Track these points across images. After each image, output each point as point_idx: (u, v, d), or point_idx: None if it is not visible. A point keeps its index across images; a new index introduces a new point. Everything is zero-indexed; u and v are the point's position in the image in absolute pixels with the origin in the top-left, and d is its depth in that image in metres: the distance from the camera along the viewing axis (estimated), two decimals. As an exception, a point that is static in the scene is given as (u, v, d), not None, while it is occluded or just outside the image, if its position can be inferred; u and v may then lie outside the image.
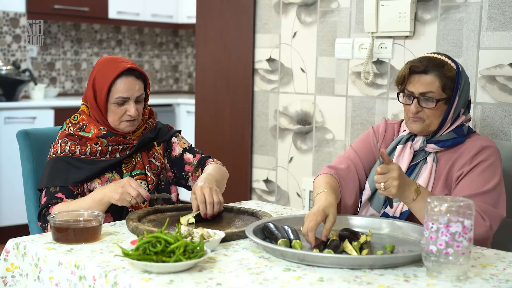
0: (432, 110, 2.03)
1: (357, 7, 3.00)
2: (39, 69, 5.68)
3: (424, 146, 2.09)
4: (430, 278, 1.56)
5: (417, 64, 2.04)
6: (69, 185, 2.16)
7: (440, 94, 2.02)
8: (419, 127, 2.06)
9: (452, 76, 2.03)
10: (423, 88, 2.02)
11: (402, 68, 2.08)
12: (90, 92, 2.22)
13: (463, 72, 2.07)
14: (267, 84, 3.40)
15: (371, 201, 2.12)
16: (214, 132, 3.67)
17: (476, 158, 2.01)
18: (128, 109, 2.19)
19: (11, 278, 1.86)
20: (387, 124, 2.24)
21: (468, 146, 2.06)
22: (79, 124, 2.23)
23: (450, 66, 2.04)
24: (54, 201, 2.14)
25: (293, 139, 3.31)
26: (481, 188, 1.95)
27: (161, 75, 6.61)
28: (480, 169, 1.99)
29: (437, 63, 2.03)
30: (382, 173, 1.84)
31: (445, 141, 2.07)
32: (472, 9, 2.63)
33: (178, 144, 2.38)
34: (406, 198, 1.90)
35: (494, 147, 2.04)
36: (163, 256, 1.58)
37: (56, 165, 2.18)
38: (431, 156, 2.09)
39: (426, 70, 2.03)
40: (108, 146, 2.22)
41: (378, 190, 1.88)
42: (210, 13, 3.66)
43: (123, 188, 2.05)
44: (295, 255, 1.65)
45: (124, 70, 2.18)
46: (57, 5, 5.34)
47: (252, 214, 2.16)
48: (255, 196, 3.50)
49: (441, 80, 2.02)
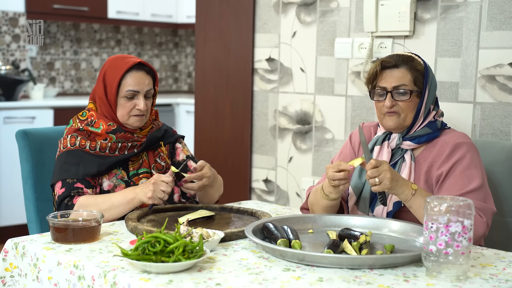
0: (406, 102, 2.07)
1: (357, 6, 2.99)
2: (38, 69, 5.68)
3: (400, 143, 2.11)
4: (430, 278, 1.56)
5: (387, 59, 2.11)
6: (81, 177, 2.18)
7: (412, 87, 2.08)
8: (395, 122, 2.08)
9: (421, 69, 2.10)
10: (396, 82, 2.07)
11: (372, 66, 2.13)
12: (100, 87, 2.25)
13: (429, 67, 2.14)
14: (266, 84, 3.40)
15: (357, 205, 2.13)
16: (214, 132, 3.67)
17: (452, 156, 2.02)
18: (137, 103, 2.22)
19: (10, 278, 1.86)
20: (363, 128, 2.26)
21: (442, 143, 2.07)
22: (88, 120, 2.25)
23: (418, 61, 2.12)
24: (75, 191, 2.15)
25: (293, 139, 3.30)
26: (468, 187, 1.96)
27: (160, 74, 6.61)
28: (461, 167, 1.99)
29: (406, 57, 2.11)
30: (375, 166, 1.87)
31: (420, 137, 2.09)
32: (472, 8, 2.63)
33: (182, 151, 2.42)
34: (405, 194, 1.91)
35: (468, 142, 2.05)
36: (162, 256, 1.57)
37: (68, 158, 2.20)
38: (408, 154, 2.10)
39: (397, 65, 2.09)
40: (117, 143, 2.24)
41: (372, 186, 1.90)
42: (210, 13, 3.66)
43: (154, 185, 2.08)
44: (294, 255, 1.65)
45: (135, 64, 2.23)
46: (57, 5, 5.34)
47: (252, 214, 2.16)
48: (255, 196, 3.50)
49: (412, 73, 2.08)
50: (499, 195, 2.28)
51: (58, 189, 2.17)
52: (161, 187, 2.07)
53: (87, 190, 2.17)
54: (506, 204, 2.29)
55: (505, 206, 2.29)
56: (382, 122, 2.12)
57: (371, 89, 2.13)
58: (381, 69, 2.10)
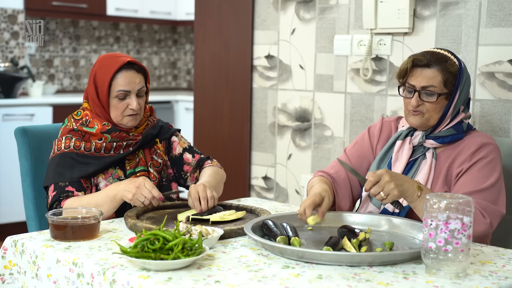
0: (433, 104, 2.03)
1: (356, 3, 2.99)
2: (37, 66, 5.67)
3: (423, 141, 2.09)
4: (429, 275, 1.56)
5: (420, 57, 2.04)
6: (75, 180, 2.17)
7: (441, 89, 2.03)
8: (418, 121, 2.06)
9: (454, 71, 2.04)
10: (425, 82, 2.02)
11: (404, 61, 2.08)
12: (91, 88, 2.23)
13: (465, 69, 2.07)
14: (265, 81, 3.39)
15: (371, 197, 2.12)
16: (213, 129, 3.67)
17: (476, 155, 2.01)
18: (130, 103, 2.20)
19: (9, 276, 1.86)
20: (383, 122, 2.24)
21: (467, 143, 2.05)
22: (83, 119, 2.24)
23: (453, 61, 2.05)
24: (65, 195, 2.14)
25: (292, 136, 3.30)
26: (481, 185, 1.95)
27: (159, 72, 6.60)
28: (480, 166, 1.98)
29: (440, 57, 2.04)
30: (375, 182, 1.82)
31: (444, 137, 2.07)
32: (471, 5, 2.63)
33: (178, 144, 2.40)
34: (411, 196, 1.87)
35: (494, 144, 2.04)
36: (162, 253, 1.57)
37: (62, 161, 2.18)
38: (430, 152, 2.08)
39: (429, 64, 2.03)
40: (112, 142, 2.22)
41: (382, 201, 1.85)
42: (209, 10, 3.65)
43: (137, 189, 2.05)
44: (294, 252, 1.65)
45: (124, 64, 2.20)
46: (55, 2, 5.33)
47: (251, 211, 2.16)
48: (254, 193, 3.50)
49: (443, 74, 2.02)
50: (499, 192, 2.28)
51: (51, 192, 2.16)
52: (143, 192, 2.05)
53: (78, 193, 2.15)
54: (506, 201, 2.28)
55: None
56: (407, 119, 2.10)
57: (401, 85, 2.11)
58: (412, 66, 2.05)
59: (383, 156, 2.14)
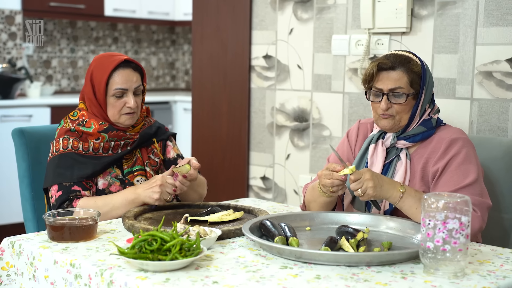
0: (402, 105, 2.05)
1: (354, 3, 2.99)
2: (35, 67, 5.66)
3: (394, 142, 2.11)
4: (428, 274, 1.56)
5: (384, 61, 2.07)
6: (76, 181, 2.17)
7: (408, 89, 2.05)
8: (390, 124, 2.08)
9: (418, 71, 2.07)
10: (392, 84, 2.05)
11: (369, 66, 2.10)
12: (88, 88, 2.23)
13: (427, 68, 2.11)
14: (263, 81, 3.39)
15: (353, 204, 2.13)
16: (211, 129, 3.66)
17: (448, 152, 2.01)
18: (127, 101, 2.21)
19: (6, 277, 1.86)
20: (360, 125, 2.26)
21: (437, 140, 2.07)
22: (79, 120, 2.24)
23: (416, 61, 2.08)
24: (74, 194, 2.15)
25: (290, 136, 3.30)
26: (463, 182, 1.95)
27: (157, 72, 6.60)
28: (456, 163, 1.99)
29: (403, 59, 2.07)
30: (356, 179, 1.88)
31: (415, 136, 2.09)
32: (468, 4, 2.63)
33: (173, 148, 2.42)
34: (393, 197, 1.92)
35: (463, 138, 2.04)
36: (159, 254, 1.57)
37: (62, 161, 2.19)
38: (403, 152, 2.10)
39: (393, 67, 2.06)
40: (110, 142, 2.23)
41: (359, 197, 1.91)
42: (207, 10, 3.65)
43: (161, 187, 2.10)
44: (292, 252, 1.65)
45: (121, 62, 2.21)
46: (53, 3, 5.32)
47: (249, 212, 2.15)
48: (252, 193, 3.49)
49: (408, 75, 2.05)
50: (496, 192, 2.28)
51: (55, 192, 2.16)
52: (167, 189, 2.10)
53: (85, 193, 2.17)
54: (503, 201, 2.29)
55: (502, 202, 2.29)
56: (377, 123, 2.12)
57: (367, 90, 2.13)
58: (378, 70, 2.08)
59: (359, 161, 2.16)
